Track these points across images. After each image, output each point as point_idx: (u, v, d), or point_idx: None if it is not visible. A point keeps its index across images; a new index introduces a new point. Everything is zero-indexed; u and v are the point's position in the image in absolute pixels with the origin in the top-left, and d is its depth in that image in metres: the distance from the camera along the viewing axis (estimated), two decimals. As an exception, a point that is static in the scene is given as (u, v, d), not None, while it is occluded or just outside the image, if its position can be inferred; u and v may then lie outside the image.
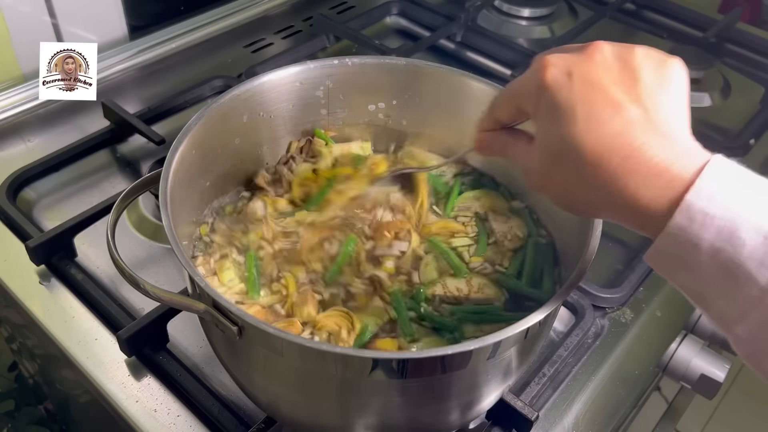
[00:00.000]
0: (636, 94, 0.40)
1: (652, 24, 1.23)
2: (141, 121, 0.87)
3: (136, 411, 0.62)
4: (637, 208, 0.39)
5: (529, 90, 0.43)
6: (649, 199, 0.38)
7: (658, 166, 0.38)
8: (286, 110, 0.66)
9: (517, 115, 0.46)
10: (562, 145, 0.40)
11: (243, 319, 0.45)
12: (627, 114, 0.39)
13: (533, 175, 0.45)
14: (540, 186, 0.45)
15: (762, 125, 0.99)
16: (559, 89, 0.40)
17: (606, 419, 0.66)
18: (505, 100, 0.47)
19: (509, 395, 0.60)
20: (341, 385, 0.49)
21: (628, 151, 0.38)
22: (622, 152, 0.38)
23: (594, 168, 0.39)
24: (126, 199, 0.55)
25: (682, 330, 0.77)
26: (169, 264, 0.76)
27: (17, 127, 0.91)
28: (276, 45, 1.10)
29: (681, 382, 0.76)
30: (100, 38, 1.00)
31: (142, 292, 0.50)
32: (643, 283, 0.76)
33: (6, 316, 0.85)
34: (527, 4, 1.21)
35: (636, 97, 0.40)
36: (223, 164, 0.64)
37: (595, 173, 0.39)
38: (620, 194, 0.39)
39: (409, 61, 0.67)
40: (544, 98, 0.41)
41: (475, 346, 0.44)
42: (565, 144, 0.40)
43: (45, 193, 0.83)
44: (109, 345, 0.66)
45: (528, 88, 0.43)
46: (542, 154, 0.43)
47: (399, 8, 1.19)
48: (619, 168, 0.38)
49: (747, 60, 1.16)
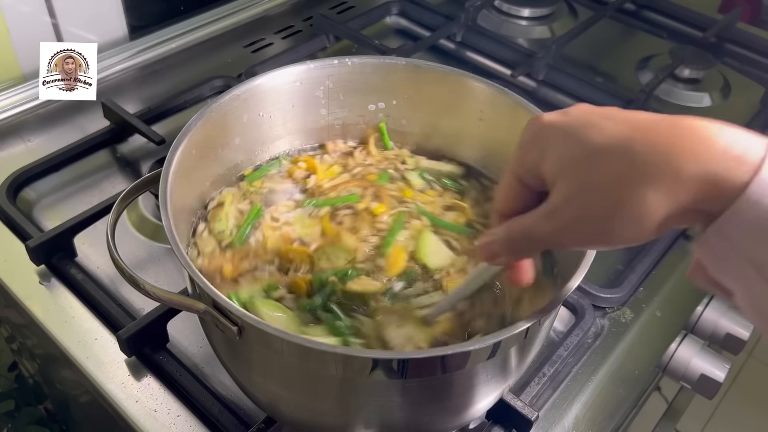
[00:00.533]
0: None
1: (652, 24, 1.23)
2: (141, 121, 0.87)
3: (136, 411, 0.62)
4: (706, 180, 0.35)
5: (526, 152, 0.41)
6: (722, 168, 0.35)
7: (725, 138, 0.35)
8: (286, 110, 0.66)
9: (524, 195, 0.43)
10: (592, 147, 0.38)
11: (243, 319, 0.45)
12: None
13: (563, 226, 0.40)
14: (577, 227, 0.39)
15: (762, 125, 0.99)
16: (559, 119, 0.40)
17: (606, 419, 0.66)
18: (506, 182, 0.43)
19: (509, 395, 0.60)
20: (341, 385, 0.49)
21: (680, 127, 0.36)
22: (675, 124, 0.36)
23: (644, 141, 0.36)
24: (126, 199, 0.55)
25: (682, 330, 0.77)
26: (169, 264, 0.76)
27: (17, 127, 0.91)
28: (276, 45, 1.10)
29: (681, 382, 0.76)
30: (100, 38, 1.00)
31: (142, 292, 0.50)
32: (643, 283, 0.77)
33: (6, 316, 0.85)
34: (527, 4, 1.21)
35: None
36: (223, 164, 0.64)
37: (646, 146, 0.36)
38: (685, 167, 0.35)
39: (409, 61, 0.67)
40: (551, 132, 0.40)
41: (475, 347, 0.44)
42: (603, 136, 0.37)
43: (45, 193, 0.83)
44: (109, 345, 0.66)
45: (525, 152, 0.41)
46: (571, 177, 0.39)
47: (399, 8, 1.19)
48: (678, 139, 0.36)
49: (747, 60, 1.16)
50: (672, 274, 0.79)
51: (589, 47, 1.15)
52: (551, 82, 1.04)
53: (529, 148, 0.41)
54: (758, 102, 1.06)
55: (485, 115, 0.65)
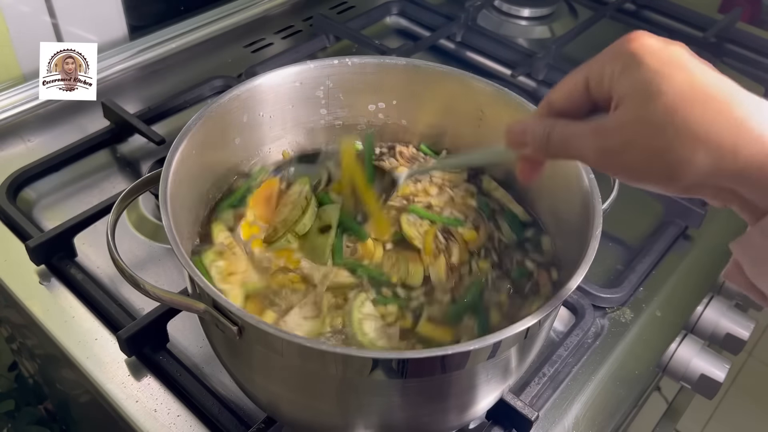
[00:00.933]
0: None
1: (652, 24, 1.23)
2: (141, 121, 0.87)
3: (136, 411, 0.62)
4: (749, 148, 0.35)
5: (610, 60, 0.40)
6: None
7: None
8: (286, 110, 0.66)
9: (579, 95, 0.42)
10: (662, 102, 0.37)
11: (243, 319, 0.45)
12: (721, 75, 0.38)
13: (608, 150, 0.40)
14: (620, 160, 0.40)
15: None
16: (659, 50, 0.38)
17: (606, 419, 0.66)
18: (573, 76, 0.42)
19: (509, 395, 0.60)
20: (341, 385, 0.49)
21: (740, 97, 0.36)
22: (736, 97, 0.37)
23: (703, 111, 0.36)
24: (126, 199, 0.55)
25: (682, 330, 0.77)
26: (169, 264, 0.76)
27: (17, 127, 0.91)
28: (276, 45, 1.10)
29: (681, 382, 0.76)
30: (100, 38, 1.00)
31: (142, 292, 0.50)
32: (643, 283, 0.77)
33: (6, 316, 0.85)
34: (527, 4, 1.21)
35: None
36: (223, 164, 0.64)
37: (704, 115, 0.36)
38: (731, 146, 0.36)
39: (409, 61, 0.67)
40: (632, 66, 0.39)
41: (475, 346, 0.44)
42: (666, 99, 0.37)
43: (45, 193, 0.83)
44: (109, 345, 0.66)
45: (609, 59, 0.40)
46: (632, 124, 0.38)
47: (399, 8, 1.19)
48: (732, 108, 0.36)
49: (747, 60, 1.16)
50: (672, 274, 0.79)
51: (589, 47, 1.15)
52: (551, 82, 1.04)
53: (616, 59, 0.40)
54: (758, 102, 1.06)
55: (485, 115, 0.65)
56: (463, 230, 0.63)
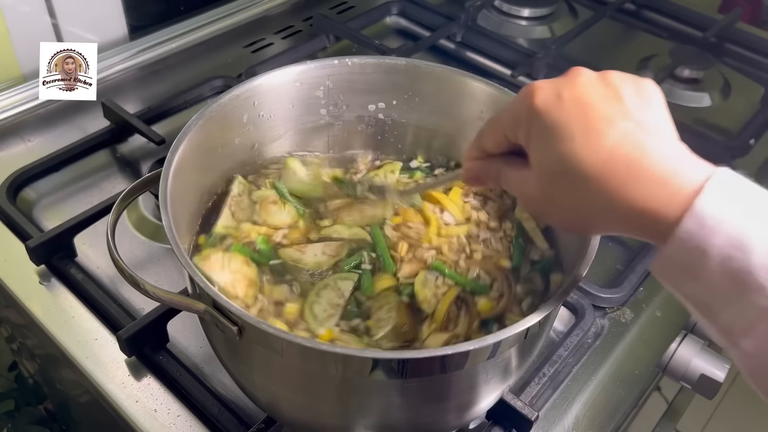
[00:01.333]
0: (624, 109, 0.40)
1: (652, 24, 1.23)
2: (141, 121, 0.87)
3: (136, 411, 0.62)
4: (644, 215, 0.38)
5: (518, 117, 0.43)
6: (658, 205, 0.38)
7: (665, 171, 0.38)
8: (286, 110, 0.66)
9: (505, 144, 0.46)
10: (561, 164, 0.40)
11: (243, 319, 0.45)
12: (622, 125, 0.39)
13: (533, 201, 0.44)
14: (541, 210, 0.45)
15: (762, 125, 0.99)
16: (551, 110, 0.41)
17: (606, 419, 0.66)
18: (493, 130, 0.46)
19: (509, 395, 0.60)
20: (341, 385, 0.49)
21: (632, 159, 0.38)
22: (626, 160, 0.38)
23: (598, 181, 0.39)
24: (126, 199, 0.55)
25: (682, 330, 0.77)
26: (169, 264, 0.76)
27: (17, 127, 0.91)
28: (276, 45, 1.10)
29: (681, 382, 0.76)
30: (100, 38, 1.00)
31: (142, 292, 0.50)
32: (643, 283, 0.77)
33: (6, 316, 0.85)
34: (527, 4, 1.21)
35: (625, 112, 0.40)
36: (223, 164, 0.64)
37: (600, 186, 0.39)
38: (627, 203, 0.38)
39: (409, 61, 0.67)
40: (536, 122, 0.41)
41: (475, 347, 0.44)
42: (565, 162, 0.40)
43: (45, 193, 0.83)
44: (109, 345, 0.66)
45: (517, 115, 0.43)
46: (541, 177, 0.42)
47: (399, 8, 1.19)
48: (624, 176, 0.38)
49: (747, 60, 1.16)
50: (672, 274, 0.79)
51: (589, 47, 1.15)
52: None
53: (515, 122, 0.43)
54: (758, 102, 1.06)
55: (485, 115, 0.65)
56: (479, 299, 0.57)
